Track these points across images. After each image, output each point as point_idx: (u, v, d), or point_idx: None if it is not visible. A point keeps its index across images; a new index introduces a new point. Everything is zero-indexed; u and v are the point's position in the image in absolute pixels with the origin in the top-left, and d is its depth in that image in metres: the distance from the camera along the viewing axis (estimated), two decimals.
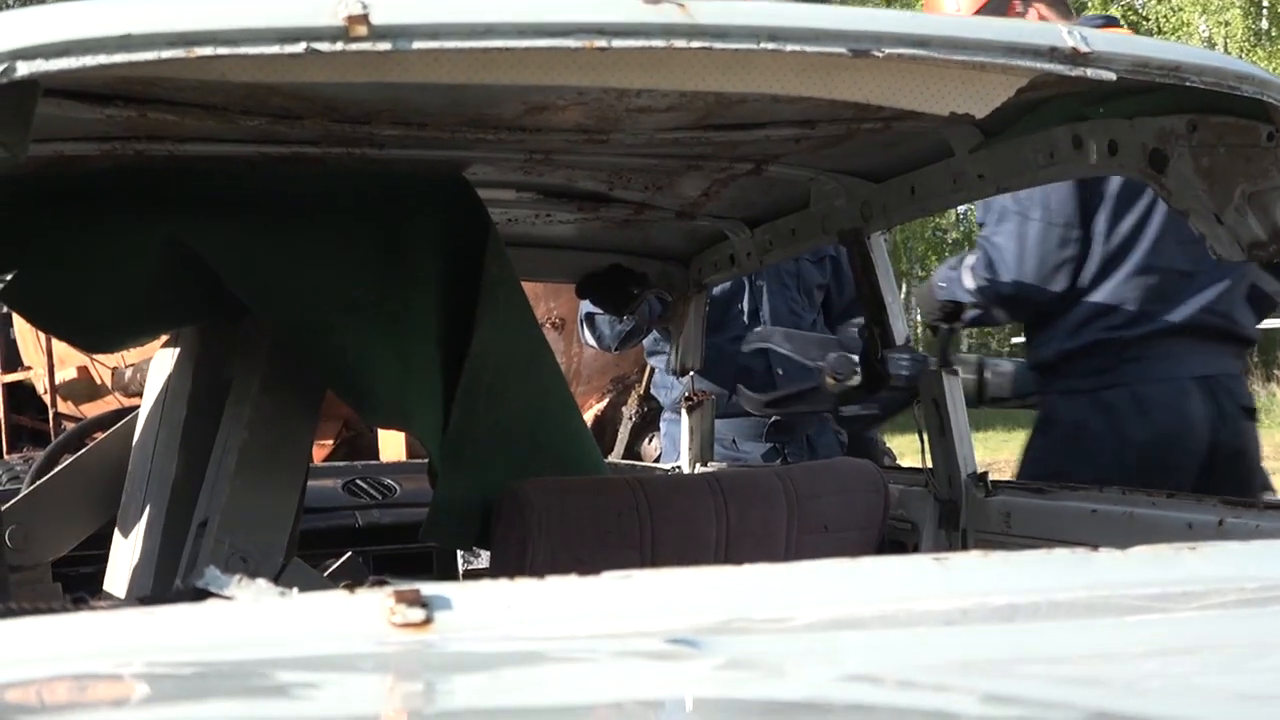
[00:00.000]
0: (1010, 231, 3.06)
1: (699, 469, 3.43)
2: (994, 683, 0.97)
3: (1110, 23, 2.77)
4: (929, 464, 2.81)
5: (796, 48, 1.66)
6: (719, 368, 3.58)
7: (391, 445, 4.27)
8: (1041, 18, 3.02)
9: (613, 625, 1.09)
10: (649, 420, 4.37)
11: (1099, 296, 3.17)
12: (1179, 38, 26.18)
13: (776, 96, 1.93)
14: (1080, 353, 3.14)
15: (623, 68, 1.71)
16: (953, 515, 2.75)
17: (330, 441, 4.54)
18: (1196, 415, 3.07)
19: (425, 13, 1.54)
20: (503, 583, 1.10)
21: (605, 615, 1.11)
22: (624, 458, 4.48)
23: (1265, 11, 25.87)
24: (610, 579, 1.11)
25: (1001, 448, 19.22)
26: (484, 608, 1.09)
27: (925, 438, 2.84)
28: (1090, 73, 1.80)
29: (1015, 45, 1.79)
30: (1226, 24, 25.53)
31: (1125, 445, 3.04)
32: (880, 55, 1.70)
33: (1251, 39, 25.68)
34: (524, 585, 1.10)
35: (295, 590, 1.18)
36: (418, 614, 1.06)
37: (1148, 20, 26.98)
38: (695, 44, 1.62)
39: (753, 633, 1.11)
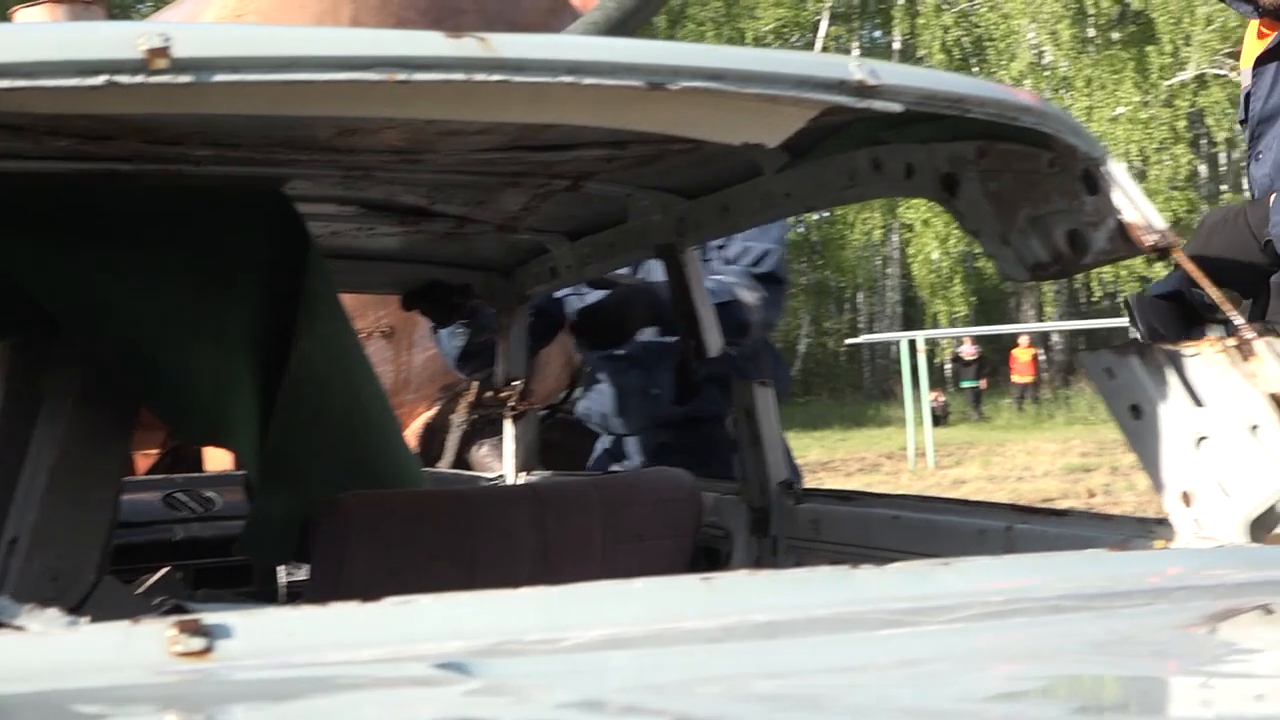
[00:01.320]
0: None
1: (523, 479, 3.45)
2: (678, 701, 1.03)
3: None
4: (744, 472, 2.84)
5: (594, 81, 1.70)
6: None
7: (217, 454, 4.22)
8: None
9: (390, 650, 1.11)
10: (479, 428, 4.38)
11: None
12: (1009, 45, 26.90)
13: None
14: None
15: (425, 99, 1.74)
16: (764, 523, 2.79)
17: (156, 451, 4.48)
18: None
19: (227, 46, 1.55)
20: (286, 609, 1.13)
21: (384, 641, 1.12)
22: (453, 465, 4.50)
23: (1091, 20, 26.68)
24: (390, 604, 1.13)
25: (839, 446, 19.69)
26: (266, 636, 1.11)
27: (739, 448, 2.85)
28: (878, 105, 1.85)
29: (805, 78, 1.83)
30: (1054, 33, 26.28)
31: None
32: (675, 88, 1.73)
33: (1078, 46, 26.48)
34: (306, 612, 1.12)
35: (84, 620, 1.18)
36: (199, 643, 1.07)
37: (979, 27, 27.65)
38: (495, 77, 1.65)
39: (522, 654, 1.14)
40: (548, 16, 4.92)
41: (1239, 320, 2.07)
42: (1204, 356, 2.00)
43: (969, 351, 25.56)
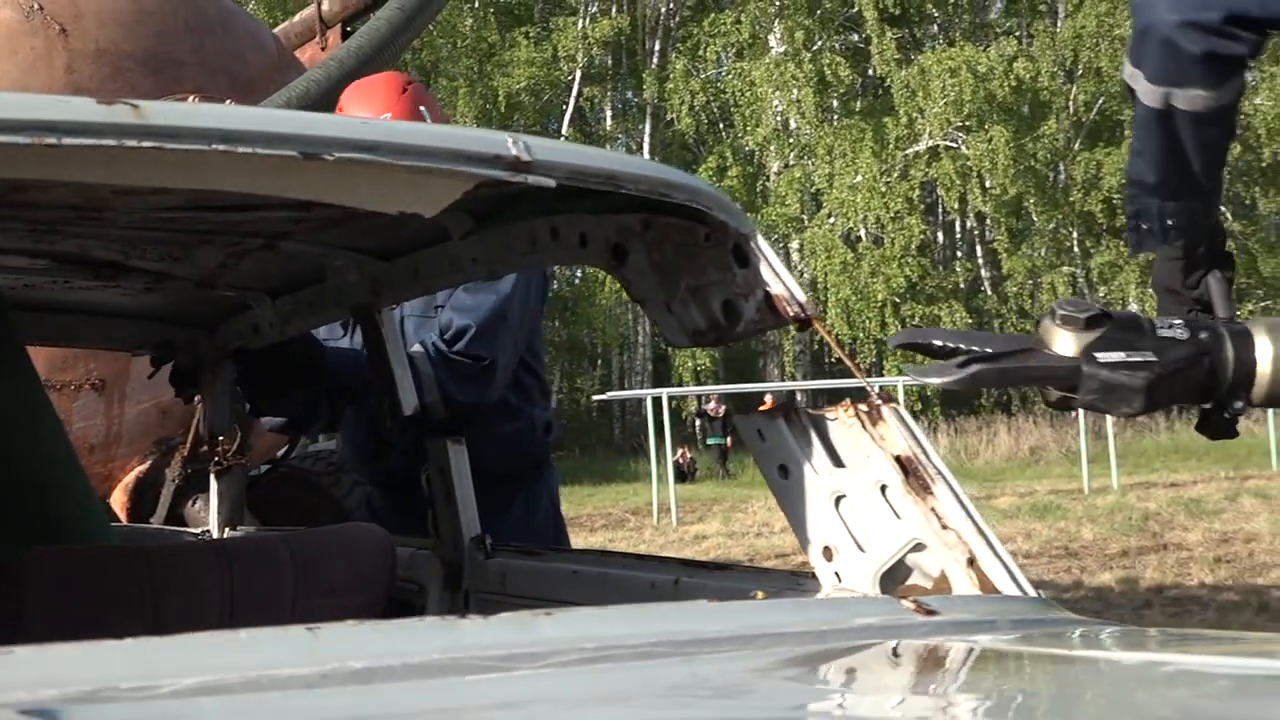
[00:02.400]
0: None
1: (226, 534, 3.42)
2: None
3: None
4: (458, 522, 2.84)
5: (248, 149, 1.72)
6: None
7: None
8: None
9: None
10: (193, 482, 4.32)
11: None
12: (754, 112, 27.62)
13: None
14: None
15: (77, 163, 1.74)
16: (456, 577, 2.82)
17: None
18: None
19: None
20: None
21: None
22: (166, 521, 4.39)
23: (832, 90, 27.59)
24: None
25: (586, 502, 19.82)
26: None
27: (432, 504, 2.88)
28: (531, 180, 1.92)
29: (460, 152, 1.89)
30: (798, 102, 27.11)
31: None
32: (330, 158, 1.77)
33: (820, 115, 27.36)
34: None
35: None
36: None
37: (725, 94, 28.35)
38: (147, 144, 1.66)
39: (115, 701, 1.16)
40: (274, 72, 4.91)
41: (873, 387, 2.18)
42: (840, 420, 2.08)
43: (714, 408, 26.05)
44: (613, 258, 2.32)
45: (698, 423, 28.03)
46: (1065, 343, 2.11)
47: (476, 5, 28.67)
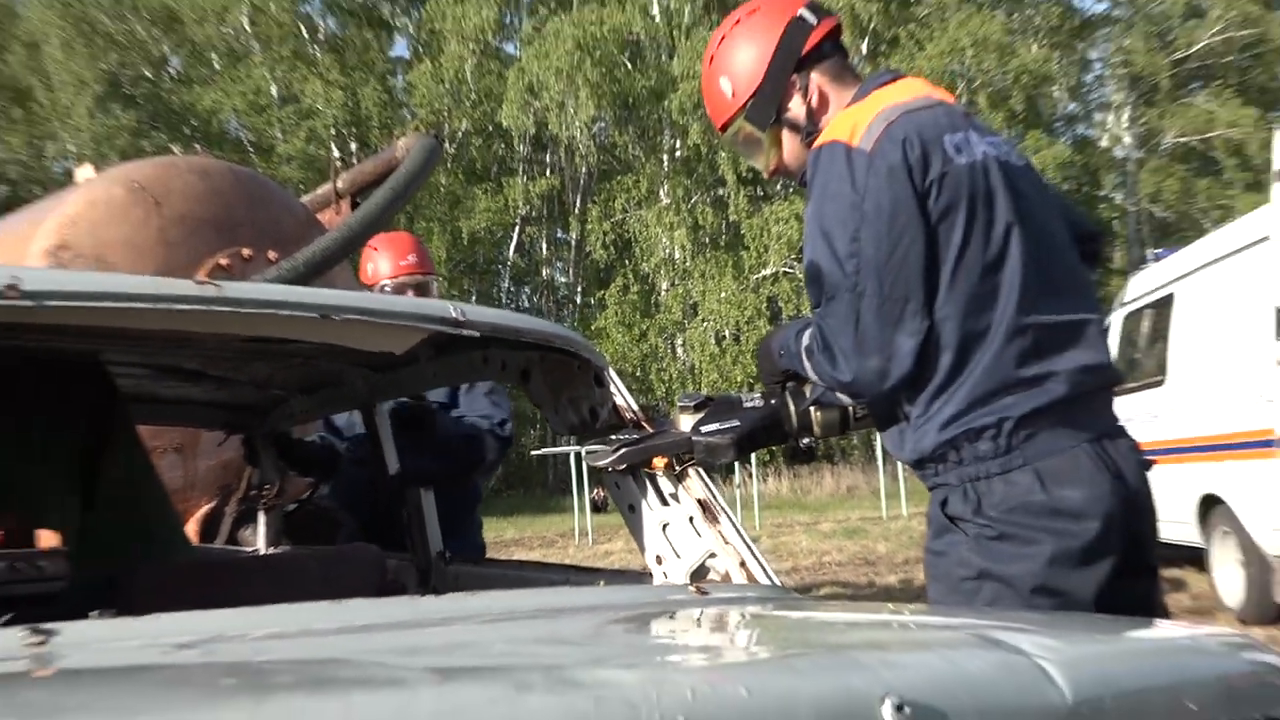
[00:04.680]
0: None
1: (271, 551, 3.47)
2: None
3: (897, 76, 2.20)
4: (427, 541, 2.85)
5: (288, 312, 1.89)
6: None
7: (45, 535, 4.08)
8: (821, 91, 2.20)
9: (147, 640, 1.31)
10: (245, 515, 4.32)
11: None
12: (649, 246, 27.61)
13: None
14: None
15: (179, 319, 1.86)
16: (426, 579, 2.83)
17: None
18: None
19: (58, 282, 1.72)
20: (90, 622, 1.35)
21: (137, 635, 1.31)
22: (226, 542, 4.43)
23: (704, 231, 27.80)
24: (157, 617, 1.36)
25: (528, 527, 19.70)
26: (82, 632, 1.31)
27: (409, 530, 2.90)
28: (465, 332, 2.09)
29: (420, 314, 2.06)
30: (679, 239, 27.28)
31: None
32: (337, 319, 1.93)
33: (695, 249, 27.54)
34: (106, 622, 1.36)
35: None
36: (39, 638, 1.28)
37: (629, 232, 28.41)
38: (224, 309, 1.82)
39: (227, 641, 1.30)
40: (303, 230, 4.80)
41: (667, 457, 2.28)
42: (662, 475, 2.25)
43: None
44: (521, 378, 2.46)
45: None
46: (685, 423, 2.24)
47: (449, 166, 28.64)
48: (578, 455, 17.86)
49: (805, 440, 2.23)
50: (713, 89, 2.27)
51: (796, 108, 2.21)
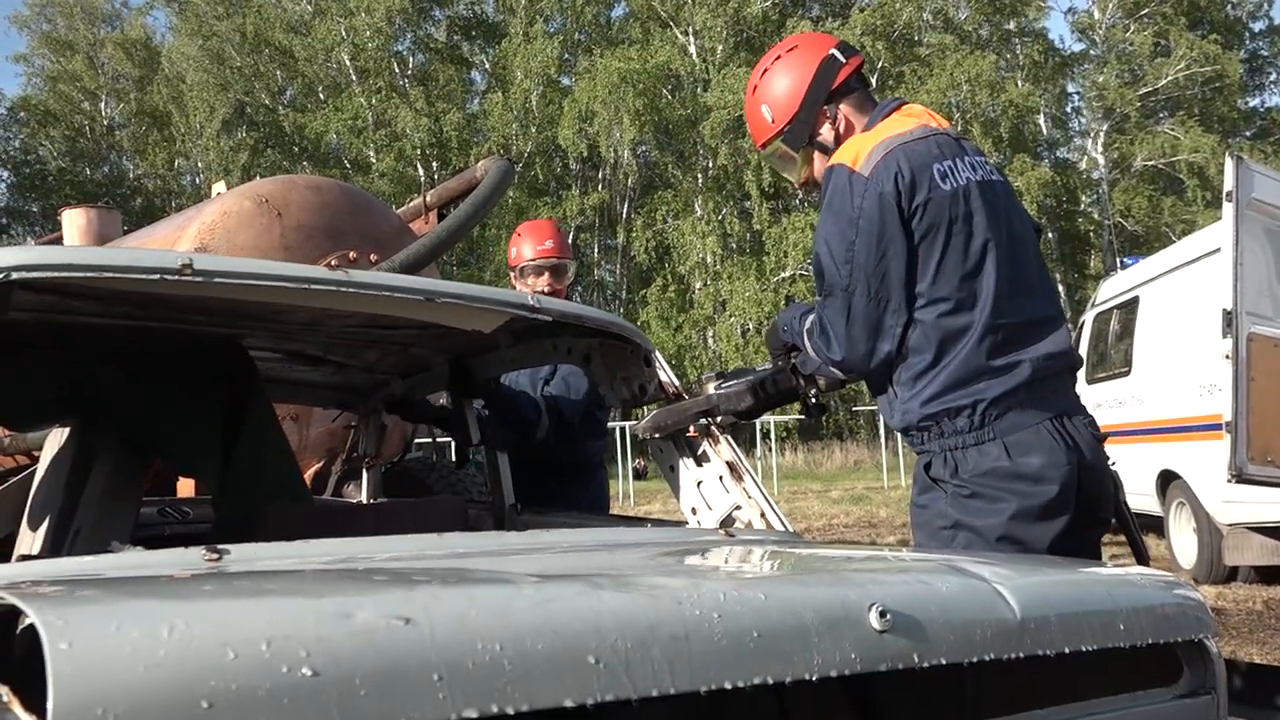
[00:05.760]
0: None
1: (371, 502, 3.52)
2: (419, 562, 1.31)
3: (901, 104, 2.20)
4: (503, 495, 2.90)
5: (402, 295, 1.96)
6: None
7: (184, 486, 4.01)
8: (847, 119, 2.21)
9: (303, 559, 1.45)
10: (349, 473, 4.33)
11: None
12: (684, 250, 26.99)
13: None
14: None
15: (314, 297, 1.94)
16: (500, 525, 2.89)
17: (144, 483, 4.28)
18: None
19: (224, 264, 1.81)
20: (255, 545, 1.45)
21: (312, 551, 1.46)
22: (333, 495, 4.54)
23: (732, 239, 27.59)
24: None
25: None
26: (250, 551, 1.41)
27: (490, 485, 2.95)
28: (540, 316, 2.15)
29: (504, 301, 2.11)
30: (710, 245, 27.10)
31: None
32: (439, 301, 2.00)
33: (724, 254, 27.31)
34: (274, 545, 1.48)
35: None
36: (215, 555, 1.35)
37: (666, 239, 28.17)
38: (349, 289, 1.89)
39: (357, 561, 1.37)
40: (397, 237, 4.79)
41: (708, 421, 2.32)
42: (697, 439, 2.31)
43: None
44: (584, 360, 2.51)
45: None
46: (710, 388, 2.31)
47: (515, 181, 28.70)
48: (620, 430, 17.94)
49: (813, 392, 2.26)
50: (755, 114, 2.31)
51: (826, 133, 2.26)
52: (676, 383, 2.41)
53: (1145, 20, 29.80)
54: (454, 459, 3.34)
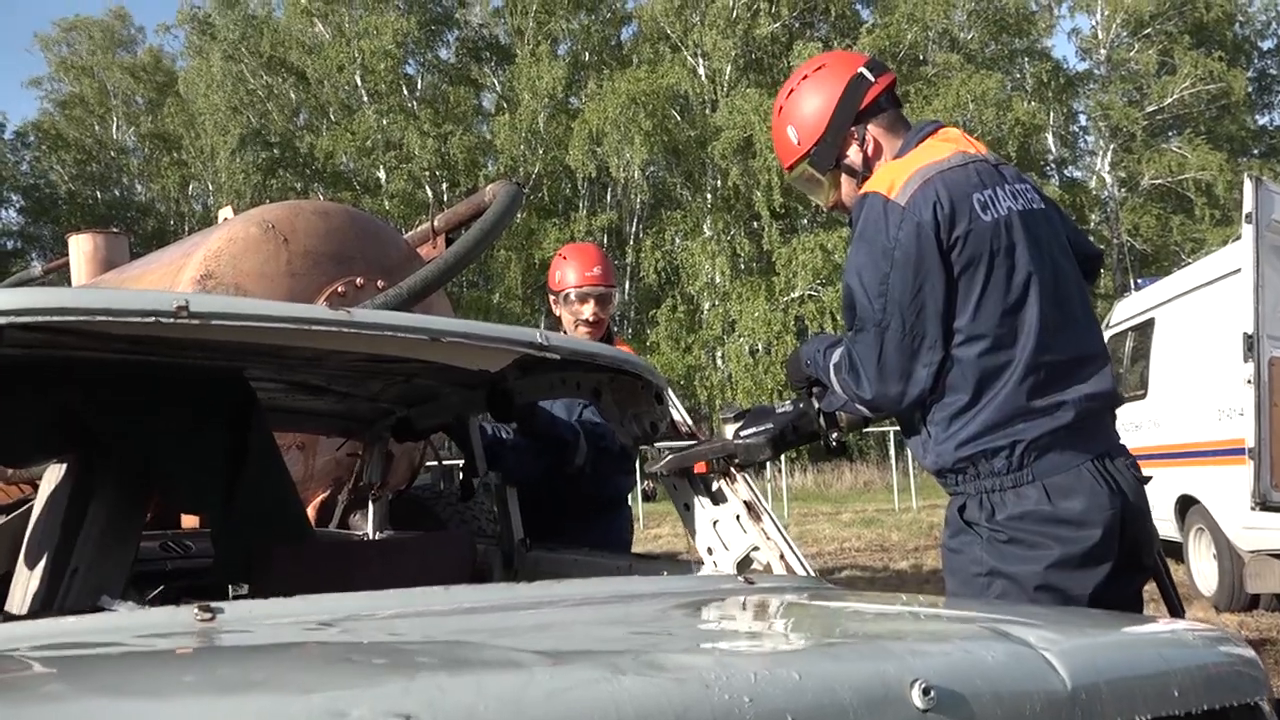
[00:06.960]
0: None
1: (377, 535, 3.43)
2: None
3: (939, 126, 2.15)
4: (511, 531, 2.85)
5: (406, 335, 1.91)
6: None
7: (188, 517, 3.91)
8: (876, 141, 2.14)
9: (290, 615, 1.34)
10: (355, 502, 4.31)
11: None
12: (694, 271, 27.08)
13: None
14: None
15: (314, 338, 1.91)
16: (510, 562, 2.82)
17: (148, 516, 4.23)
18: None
19: (221, 305, 1.78)
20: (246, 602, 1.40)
21: (282, 613, 1.36)
22: (338, 526, 4.46)
23: (740, 259, 27.58)
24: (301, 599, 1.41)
25: None
26: (244, 609, 1.35)
27: (498, 520, 2.89)
28: (548, 354, 2.10)
29: (511, 339, 2.07)
30: (720, 266, 27.10)
31: None
32: (444, 340, 1.95)
33: (733, 274, 27.32)
34: (256, 602, 1.40)
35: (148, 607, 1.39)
36: (208, 614, 1.30)
37: (676, 259, 28.05)
38: (351, 330, 1.85)
39: (361, 620, 1.32)
40: (404, 263, 4.63)
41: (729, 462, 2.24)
42: (709, 476, 2.21)
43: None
44: (594, 396, 2.46)
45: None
46: (728, 431, 2.22)
47: (525, 204, 28.72)
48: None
49: (834, 435, 2.19)
50: (781, 136, 2.23)
51: (854, 155, 2.17)
52: (690, 421, 2.35)
53: (1150, 39, 29.76)
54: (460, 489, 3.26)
